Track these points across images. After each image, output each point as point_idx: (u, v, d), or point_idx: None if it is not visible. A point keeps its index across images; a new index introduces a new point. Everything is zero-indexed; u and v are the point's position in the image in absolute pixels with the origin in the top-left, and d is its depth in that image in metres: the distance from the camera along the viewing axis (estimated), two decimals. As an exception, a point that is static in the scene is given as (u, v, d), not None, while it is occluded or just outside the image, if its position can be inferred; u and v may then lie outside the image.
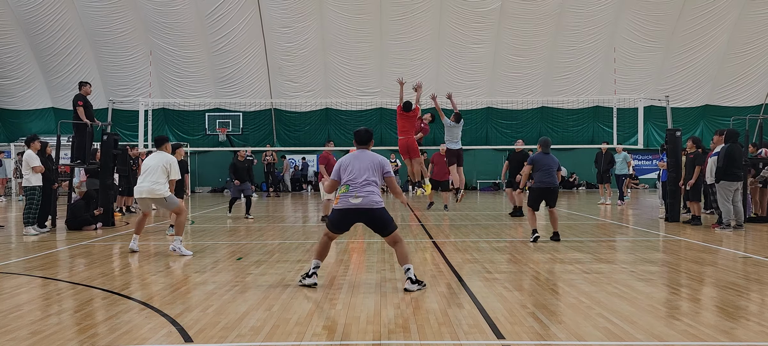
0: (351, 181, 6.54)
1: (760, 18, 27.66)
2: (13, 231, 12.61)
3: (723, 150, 11.51)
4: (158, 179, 8.97)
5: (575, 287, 6.34)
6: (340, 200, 6.56)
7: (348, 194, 6.51)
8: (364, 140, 6.86)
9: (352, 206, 6.47)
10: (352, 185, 6.53)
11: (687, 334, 4.67)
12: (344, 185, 6.58)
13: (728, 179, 11.39)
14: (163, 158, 9.14)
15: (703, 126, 30.10)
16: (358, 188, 6.50)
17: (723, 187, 11.43)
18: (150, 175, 9.01)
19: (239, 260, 8.36)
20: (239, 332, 4.79)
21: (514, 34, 27.58)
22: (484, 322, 5.02)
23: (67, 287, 6.73)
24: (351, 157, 6.75)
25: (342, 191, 6.59)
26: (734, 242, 9.90)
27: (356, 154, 6.77)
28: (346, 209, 6.49)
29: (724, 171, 11.37)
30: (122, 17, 27.26)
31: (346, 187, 6.56)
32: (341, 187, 6.62)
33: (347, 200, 6.49)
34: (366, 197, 6.47)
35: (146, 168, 9.11)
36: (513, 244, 9.80)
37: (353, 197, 6.48)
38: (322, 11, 27.04)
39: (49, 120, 29.42)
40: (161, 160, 9.10)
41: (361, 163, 6.66)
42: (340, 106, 29.27)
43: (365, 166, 6.62)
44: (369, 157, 6.71)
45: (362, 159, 6.70)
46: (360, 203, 6.48)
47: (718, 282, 6.70)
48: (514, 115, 29.63)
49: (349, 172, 6.59)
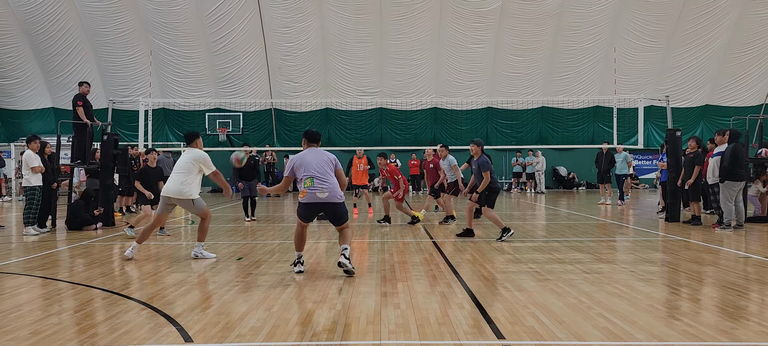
0: (315, 176, 7.09)
1: (760, 18, 27.65)
2: (14, 231, 12.61)
3: (728, 150, 11.50)
4: (187, 179, 8.43)
5: (575, 287, 6.34)
6: (307, 194, 7.10)
7: (314, 188, 7.07)
8: (316, 139, 7.55)
9: (318, 200, 7.10)
10: (316, 179, 7.09)
11: (687, 334, 4.67)
12: (309, 178, 7.10)
13: (733, 179, 11.39)
14: (194, 155, 8.55)
15: (703, 126, 30.10)
16: (322, 182, 7.09)
17: (728, 187, 11.43)
18: (179, 174, 8.46)
19: (239, 260, 8.36)
20: (239, 332, 4.79)
21: (514, 34, 27.59)
22: (484, 322, 5.02)
23: (67, 287, 6.73)
24: (306, 154, 7.28)
25: (307, 184, 7.09)
26: (734, 242, 9.89)
27: (310, 152, 7.32)
28: (313, 203, 7.14)
29: (730, 171, 11.37)
30: (122, 17, 27.26)
31: (310, 180, 7.09)
32: (306, 180, 7.10)
33: (314, 194, 7.07)
34: (331, 191, 7.10)
35: (176, 167, 8.58)
36: (513, 244, 9.80)
37: (320, 191, 7.06)
38: (322, 11, 27.04)
39: (49, 120, 29.42)
40: (191, 158, 8.51)
41: (317, 159, 7.22)
42: (340, 106, 29.28)
43: (322, 162, 7.21)
44: (323, 154, 7.32)
45: (318, 155, 7.27)
46: (326, 197, 7.09)
47: (718, 282, 6.70)
48: (514, 115, 29.65)
49: (306, 168, 7.13)
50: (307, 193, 7.09)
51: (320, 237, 10.95)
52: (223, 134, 28.09)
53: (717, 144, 12.31)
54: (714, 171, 12.06)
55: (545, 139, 29.66)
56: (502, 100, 28.36)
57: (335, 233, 10.56)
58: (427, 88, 29.02)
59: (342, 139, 29.52)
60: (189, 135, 8.95)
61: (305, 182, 7.11)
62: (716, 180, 12.02)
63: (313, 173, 7.09)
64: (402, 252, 8.96)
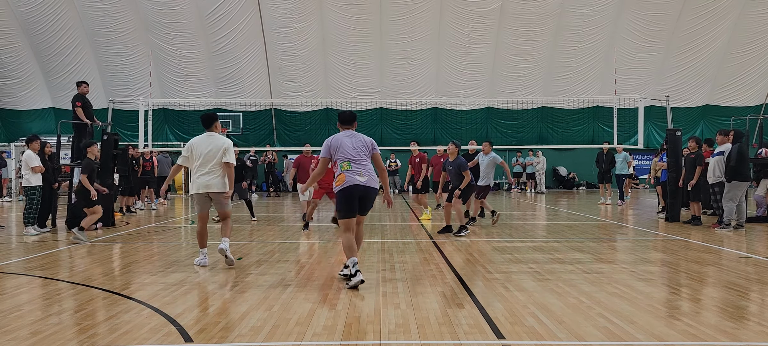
0: (351, 159, 6.47)
1: (760, 18, 27.66)
2: (14, 231, 12.61)
3: (734, 149, 11.48)
4: (217, 170, 7.65)
5: (575, 287, 6.34)
6: (346, 178, 6.40)
7: (352, 171, 6.43)
8: (350, 120, 6.84)
9: (359, 183, 6.39)
10: (353, 162, 6.46)
11: (687, 334, 4.67)
12: (346, 161, 6.47)
13: (740, 179, 11.40)
14: (223, 143, 7.72)
15: (703, 126, 30.10)
16: (360, 166, 6.48)
17: (735, 187, 11.43)
18: (209, 165, 7.61)
19: (239, 260, 8.36)
20: (239, 332, 4.79)
21: (514, 34, 27.59)
22: (484, 322, 5.02)
23: (67, 287, 6.73)
24: (342, 136, 6.65)
25: (344, 167, 6.46)
26: (735, 242, 9.89)
27: (347, 134, 6.70)
28: (354, 186, 6.39)
29: (737, 170, 11.37)
30: (122, 17, 27.26)
31: (347, 163, 6.46)
32: (342, 164, 6.49)
33: (353, 176, 6.40)
34: (370, 176, 6.50)
35: (200, 156, 7.61)
36: (513, 244, 9.80)
37: (359, 174, 6.42)
38: (322, 11, 27.05)
39: (49, 120, 29.42)
40: (222, 146, 7.67)
41: (354, 142, 6.62)
42: (340, 106, 29.26)
43: (360, 145, 6.61)
44: (360, 137, 6.71)
45: (354, 138, 6.66)
46: (366, 181, 6.45)
47: (718, 282, 6.69)
48: (514, 115, 29.65)
49: (343, 150, 6.51)
50: (345, 177, 6.42)
51: (321, 236, 10.95)
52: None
53: (718, 144, 12.30)
54: (714, 171, 12.04)
55: (545, 139, 29.66)
56: (502, 100, 28.36)
57: (338, 241, 10.49)
58: (427, 88, 29.02)
59: (342, 139, 29.46)
60: (207, 118, 7.90)
61: (341, 165, 6.50)
62: (717, 180, 12.00)
63: (349, 156, 6.50)
64: (402, 252, 8.96)
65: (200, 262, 7.83)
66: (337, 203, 6.55)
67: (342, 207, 6.47)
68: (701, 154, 12.84)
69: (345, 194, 6.43)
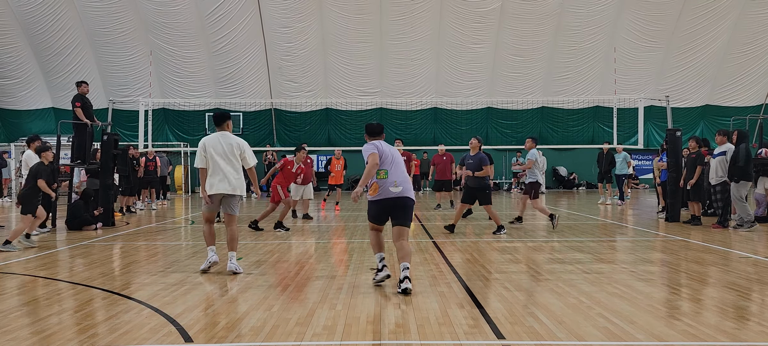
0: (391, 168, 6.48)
1: (760, 18, 27.67)
2: (13, 231, 12.59)
3: (742, 149, 11.46)
4: (234, 171, 7.38)
5: (575, 287, 6.34)
6: (380, 189, 6.43)
7: (387, 182, 6.43)
8: (379, 132, 6.81)
9: (391, 195, 6.42)
10: (390, 172, 6.46)
11: (687, 334, 4.67)
12: (382, 170, 6.47)
13: (746, 179, 11.41)
14: (234, 141, 7.46)
15: (703, 126, 30.11)
16: (397, 177, 6.47)
17: (743, 186, 11.42)
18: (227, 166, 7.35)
19: (239, 260, 8.34)
20: (239, 332, 4.79)
21: (514, 34, 27.60)
22: (484, 322, 5.02)
23: (67, 287, 6.73)
24: (386, 146, 6.64)
25: (381, 176, 6.46)
26: (735, 242, 9.89)
27: (387, 145, 6.67)
28: (386, 199, 6.43)
29: (745, 170, 11.36)
30: (122, 17, 27.26)
31: (384, 173, 6.46)
32: (379, 172, 6.47)
33: (387, 188, 6.42)
34: (405, 185, 6.48)
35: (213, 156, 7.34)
36: (513, 244, 9.80)
37: (393, 185, 6.43)
38: (322, 11, 27.05)
39: (49, 120, 29.43)
40: (237, 144, 7.46)
41: (392, 152, 6.62)
42: (340, 106, 29.30)
43: (399, 157, 6.63)
44: (395, 149, 6.72)
45: (391, 149, 6.65)
46: (400, 191, 6.45)
47: (718, 282, 6.69)
48: (514, 115, 29.66)
49: (387, 160, 6.51)
50: (379, 187, 6.44)
51: (320, 236, 10.95)
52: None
53: (718, 144, 12.27)
54: (717, 171, 11.99)
55: (545, 139, 29.66)
56: (502, 100, 28.37)
57: (338, 241, 10.54)
58: (427, 88, 29.02)
59: (342, 139, 29.51)
60: (221, 116, 7.64)
61: (378, 173, 6.47)
62: (720, 180, 11.95)
63: (387, 165, 6.49)
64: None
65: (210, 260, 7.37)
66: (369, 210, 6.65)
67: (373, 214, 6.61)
68: (701, 154, 12.82)
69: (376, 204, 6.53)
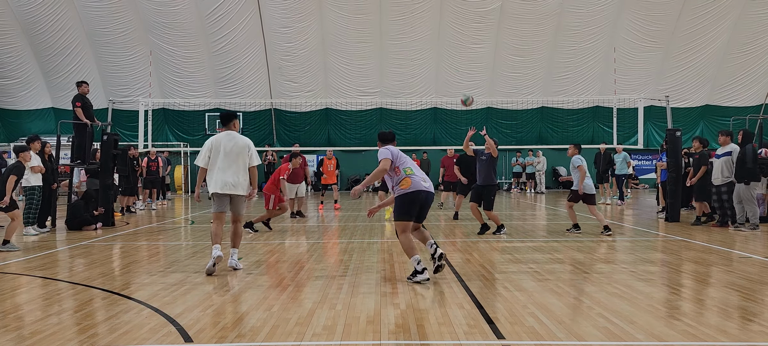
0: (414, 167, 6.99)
1: (760, 18, 27.67)
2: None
3: (749, 150, 11.44)
4: (241, 171, 7.50)
5: (575, 287, 6.34)
6: (413, 182, 6.79)
7: (418, 176, 6.88)
8: (391, 138, 7.27)
9: (424, 188, 6.82)
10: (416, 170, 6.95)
11: (687, 334, 4.67)
12: (408, 167, 6.92)
13: (756, 179, 11.40)
14: (241, 141, 7.56)
15: (703, 126, 30.11)
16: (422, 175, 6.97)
17: (752, 187, 11.41)
18: (234, 165, 7.44)
19: (239, 259, 8.35)
20: (239, 332, 4.79)
21: (514, 34, 27.60)
22: (484, 322, 5.02)
23: (67, 287, 6.73)
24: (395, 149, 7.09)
25: (409, 172, 6.87)
26: (736, 242, 9.89)
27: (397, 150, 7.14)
28: (420, 190, 6.80)
29: (753, 171, 11.35)
30: (122, 17, 27.27)
31: (410, 169, 6.91)
32: (405, 169, 6.89)
33: (420, 182, 6.81)
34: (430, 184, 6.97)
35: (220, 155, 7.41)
36: (513, 244, 9.81)
37: (424, 180, 6.88)
38: (322, 11, 27.05)
39: (49, 120, 29.43)
40: (245, 144, 7.56)
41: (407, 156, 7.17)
42: (340, 106, 29.29)
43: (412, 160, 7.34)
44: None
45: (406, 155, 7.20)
46: (429, 186, 6.89)
47: (718, 282, 6.70)
48: (514, 115, 29.67)
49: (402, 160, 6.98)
50: (411, 181, 6.81)
51: (320, 236, 10.95)
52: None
53: (721, 145, 12.21)
54: (722, 172, 11.94)
55: (545, 139, 29.67)
56: (502, 100, 28.37)
57: (338, 241, 10.59)
58: (427, 88, 29.03)
59: (342, 139, 29.53)
60: (229, 115, 7.73)
61: (405, 170, 6.90)
62: (725, 180, 11.89)
63: (410, 164, 6.99)
64: (402, 252, 8.95)
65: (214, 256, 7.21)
66: (401, 208, 6.85)
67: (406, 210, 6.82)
68: (706, 153, 12.74)
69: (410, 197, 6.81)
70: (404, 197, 6.78)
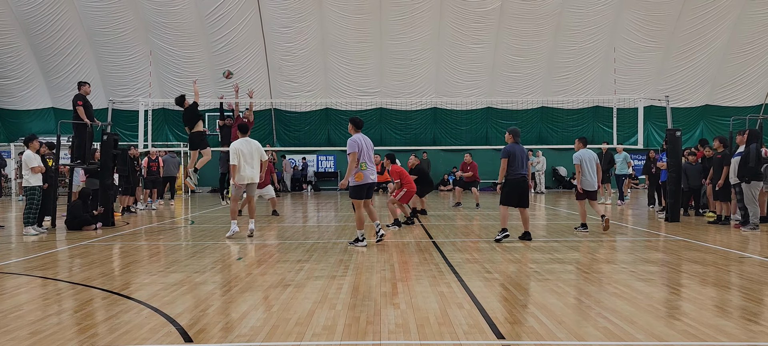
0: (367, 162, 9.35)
1: (760, 18, 27.68)
2: (13, 231, 12.61)
3: (753, 149, 11.42)
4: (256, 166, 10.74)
5: (575, 287, 6.34)
6: (364, 176, 9.30)
7: (368, 170, 9.36)
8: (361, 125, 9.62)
9: (371, 181, 9.40)
10: (368, 164, 9.36)
11: (687, 334, 4.67)
12: (364, 162, 9.26)
13: (758, 179, 11.39)
14: (255, 145, 10.81)
15: (703, 126, 30.11)
16: (372, 166, 9.45)
17: (754, 187, 11.40)
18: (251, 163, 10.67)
19: (239, 260, 8.36)
20: (239, 332, 4.79)
21: (514, 34, 27.60)
22: (484, 322, 5.02)
23: (67, 287, 6.73)
24: (361, 139, 9.34)
25: (363, 168, 9.27)
26: (736, 242, 9.90)
27: (363, 138, 9.40)
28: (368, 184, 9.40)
29: (756, 171, 11.33)
30: (122, 17, 27.28)
31: (364, 165, 9.28)
32: (362, 163, 9.26)
33: (368, 176, 9.36)
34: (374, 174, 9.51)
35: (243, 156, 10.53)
36: (513, 244, 9.80)
37: (372, 173, 9.40)
38: (322, 11, 27.05)
39: (49, 120, 29.43)
40: (254, 147, 10.78)
41: (368, 145, 9.40)
42: (340, 106, 29.30)
43: (371, 149, 9.51)
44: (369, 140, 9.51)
45: (367, 142, 9.43)
46: (374, 178, 9.47)
47: (718, 282, 6.70)
48: (514, 115, 29.66)
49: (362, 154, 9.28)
50: (363, 175, 9.26)
51: (320, 236, 10.96)
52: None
53: (738, 144, 12.19)
54: (735, 171, 11.93)
55: (545, 139, 29.67)
56: (501, 100, 28.39)
57: (338, 241, 10.67)
58: (427, 88, 29.03)
59: (342, 139, 29.52)
60: (243, 126, 10.94)
61: (361, 165, 9.24)
62: (736, 180, 11.89)
63: (365, 159, 9.29)
64: (402, 252, 8.96)
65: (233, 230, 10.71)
66: (356, 192, 9.41)
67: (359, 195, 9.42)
68: (728, 154, 12.66)
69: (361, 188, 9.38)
70: (356, 186, 9.29)
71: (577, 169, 11.35)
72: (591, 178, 11.40)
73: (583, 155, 11.37)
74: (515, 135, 10.11)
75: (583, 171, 11.37)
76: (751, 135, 11.67)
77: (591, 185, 11.39)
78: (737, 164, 11.85)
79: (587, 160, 11.38)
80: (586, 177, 11.35)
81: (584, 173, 11.36)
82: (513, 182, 10.02)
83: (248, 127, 10.99)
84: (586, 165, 11.39)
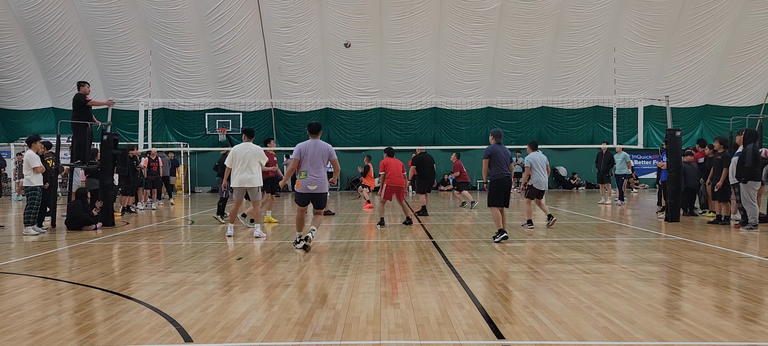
0: (309, 170, 8.82)
1: (760, 18, 27.69)
2: (13, 231, 12.61)
3: (749, 149, 11.43)
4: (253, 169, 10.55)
5: (575, 287, 6.34)
6: (301, 185, 8.86)
7: (307, 181, 8.85)
8: (316, 130, 9.12)
9: (308, 192, 8.91)
10: (310, 173, 8.83)
11: (687, 334, 4.67)
12: (304, 172, 8.82)
13: (755, 179, 11.39)
14: (254, 149, 10.71)
15: (703, 126, 30.11)
16: (314, 176, 8.85)
17: (750, 187, 11.40)
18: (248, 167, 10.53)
19: (239, 260, 8.36)
20: (239, 332, 4.79)
21: (514, 34, 27.61)
22: (484, 322, 5.02)
23: (67, 287, 6.73)
24: (309, 145, 8.88)
25: (302, 177, 8.85)
26: (736, 242, 9.90)
27: (312, 144, 8.93)
28: (306, 194, 8.94)
29: (752, 171, 11.33)
30: (122, 17, 27.28)
31: (304, 174, 8.84)
32: (302, 173, 8.84)
33: (306, 186, 8.87)
34: (320, 184, 8.90)
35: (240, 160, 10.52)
36: (513, 244, 9.80)
37: (310, 184, 8.86)
38: (322, 11, 27.05)
39: (49, 120, 29.43)
40: (253, 152, 10.67)
41: (315, 152, 8.86)
42: (340, 106, 29.31)
43: (318, 155, 8.89)
44: (321, 146, 8.93)
45: (316, 148, 8.89)
46: (315, 189, 8.89)
47: (718, 282, 6.70)
48: (514, 115, 29.69)
49: (304, 161, 8.85)
50: (301, 184, 8.88)
51: (321, 236, 10.95)
52: (223, 134, 28.11)
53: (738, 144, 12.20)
54: (733, 171, 11.94)
55: (545, 139, 29.68)
56: (501, 100, 28.39)
57: (338, 241, 10.68)
58: (427, 88, 29.03)
59: (342, 139, 29.53)
60: (248, 130, 11.06)
61: (301, 173, 8.86)
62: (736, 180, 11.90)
63: (308, 166, 8.82)
64: (402, 252, 8.96)
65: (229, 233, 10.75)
66: (295, 197, 9.15)
67: (297, 200, 9.09)
68: (728, 155, 12.67)
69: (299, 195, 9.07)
70: (297, 195, 9.03)
71: (528, 170, 12.26)
72: (542, 178, 12.29)
73: (534, 158, 12.29)
74: (497, 136, 10.51)
75: (535, 172, 12.20)
76: (748, 135, 11.67)
77: (542, 185, 12.28)
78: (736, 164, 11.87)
79: (539, 162, 12.28)
80: (538, 178, 12.21)
81: (537, 174, 12.22)
82: (498, 182, 10.31)
83: (253, 132, 11.14)
84: (537, 167, 12.26)
